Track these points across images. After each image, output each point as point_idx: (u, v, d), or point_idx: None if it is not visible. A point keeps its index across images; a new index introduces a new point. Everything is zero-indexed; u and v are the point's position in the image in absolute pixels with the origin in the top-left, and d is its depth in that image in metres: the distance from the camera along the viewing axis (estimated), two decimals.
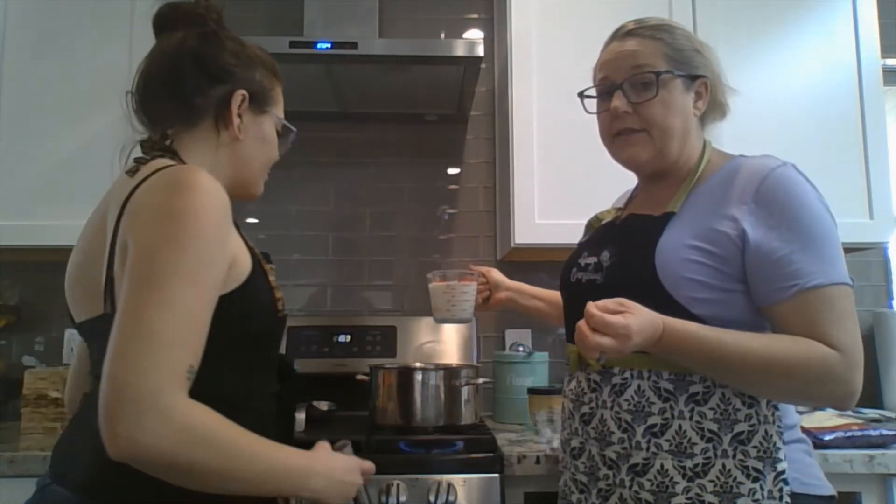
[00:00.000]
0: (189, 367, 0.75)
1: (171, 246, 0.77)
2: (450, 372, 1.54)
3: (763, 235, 0.95)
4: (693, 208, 1.02)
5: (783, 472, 0.95)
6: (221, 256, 0.83)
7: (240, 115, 0.99)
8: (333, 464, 0.92)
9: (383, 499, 1.32)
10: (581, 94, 1.16)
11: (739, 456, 0.94)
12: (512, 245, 1.82)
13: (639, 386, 0.99)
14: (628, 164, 1.13)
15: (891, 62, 2.07)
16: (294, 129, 1.10)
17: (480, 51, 1.70)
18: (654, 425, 0.97)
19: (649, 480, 0.96)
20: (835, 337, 0.91)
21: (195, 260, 0.78)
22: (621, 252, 1.06)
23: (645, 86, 1.06)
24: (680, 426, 0.96)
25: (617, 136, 1.10)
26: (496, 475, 1.37)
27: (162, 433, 0.71)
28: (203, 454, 0.74)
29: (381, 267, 2.15)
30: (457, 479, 1.35)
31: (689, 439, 0.95)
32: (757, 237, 0.95)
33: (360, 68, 1.79)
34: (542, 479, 1.39)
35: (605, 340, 0.85)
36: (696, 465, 0.94)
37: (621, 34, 1.12)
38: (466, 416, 1.55)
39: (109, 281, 0.84)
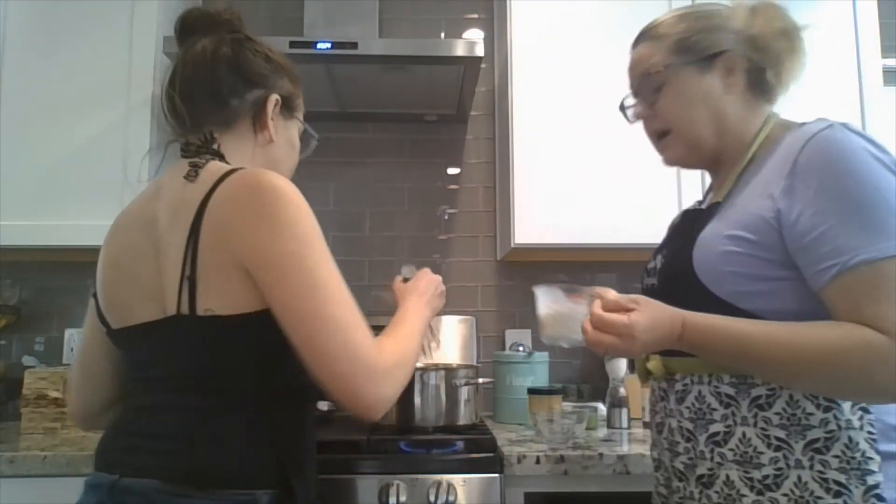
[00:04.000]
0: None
1: (310, 247, 0.88)
2: (449, 372, 1.54)
3: (799, 213, 0.85)
4: (739, 194, 0.95)
5: (876, 486, 0.82)
6: None
7: (272, 119, 1.04)
8: (422, 289, 1.14)
9: (383, 499, 1.32)
10: (621, 107, 1.13)
11: (818, 467, 0.83)
12: (512, 245, 1.82)
13: (699, 392, 0.93)
14: (671, 165, 1.10)
15: (891, 62, 2.07)
16: (316, 135, 1.16)
17: (480, 51, 1.70)
18: (717, 433, 0.90)
19: (716, 492, 0.89)
20: (882, 318, 0.78)
21: (327, 251, 0.90)
22: (669, 253, 1.03)
23: (655, 88, 1.03)
24: (744, 433, 0.88)
25: (658, 142, 1.08)
26: (496, 475, 1.37)
27: (392, 382, 0.89)
28: (404, 373, 0.95)
29: (382, 267, 2.15)
30: (457, 479, 1.35)
31: (755, 448, 0.87)
32: (793, 216, 0.85)
33: (360, 68, 1.79)
34: (542, 479, 1.39)
35: (606, 338, 0.83)
36: (765, 477, 0.86)
37: (634, 42, 1.09)
38: (466, 417, 1.55)
39: (190, 283, 0.87)
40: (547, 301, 1.40)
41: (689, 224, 1.02)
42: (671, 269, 0.99)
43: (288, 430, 0.95)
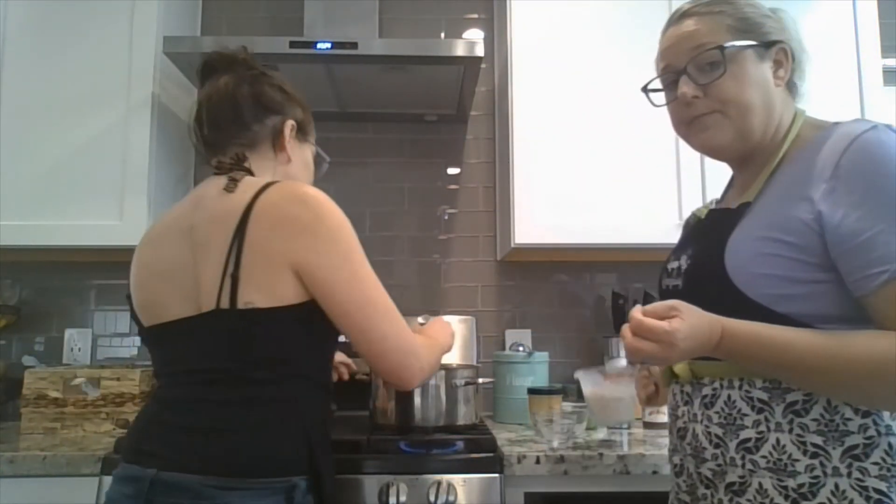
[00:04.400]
0: None
1: (353, 247, 1.04)
2: (449, 372, 1.54)
3: (843, 216, 0.81)
4: (771, 194, 0.91)
5: None
6: None
7: (289, 141, 1.18)
8: (436, 326, 1.38)
9: (383, 499, 1.32)
10: (644, 89, 1.05)
11: (856, 475, 0.81)
12: (512, 245, 1.82)
13: (729, 396, 0.90)
14: (704, 149, 1.01)
15: (891, 62, 2.06)
16: (328, 158, 1.31)
17: (480, 51, 1.70)
18: (748, 440, 0.87)
19: (748, 501, 0.86)
20: None
21: (363, 250, 1.05)
22: (696, 253, 0.98)
23: (711, 65, 0.94)
24: (778, 440, 0.85)
25: (691, 124, 0.99)
26: (496, 475, 1.37)
27: (426, 355, 1.11)
28: (434, 355, 1.19)
29: (382, 267, 2.12)
30: (457, 479, 1.35)
31: (790, 455, 0.84)
32: (836, 219, 0.82)
33: (360, 68, 1.79)
34: (542, 479, 1.39)
35: (646, 345, 0.80)
36: (800, 486, 0.83)
37: (676, 17, 1.01)
38: (466, 417, 1.54)
39: (233, 279, 0.98)
40: (588, 385, 1.46)
41: (716, 224, 0.97)
42: (700, 270, 0.96)
43: (315, 420, 1.04)
